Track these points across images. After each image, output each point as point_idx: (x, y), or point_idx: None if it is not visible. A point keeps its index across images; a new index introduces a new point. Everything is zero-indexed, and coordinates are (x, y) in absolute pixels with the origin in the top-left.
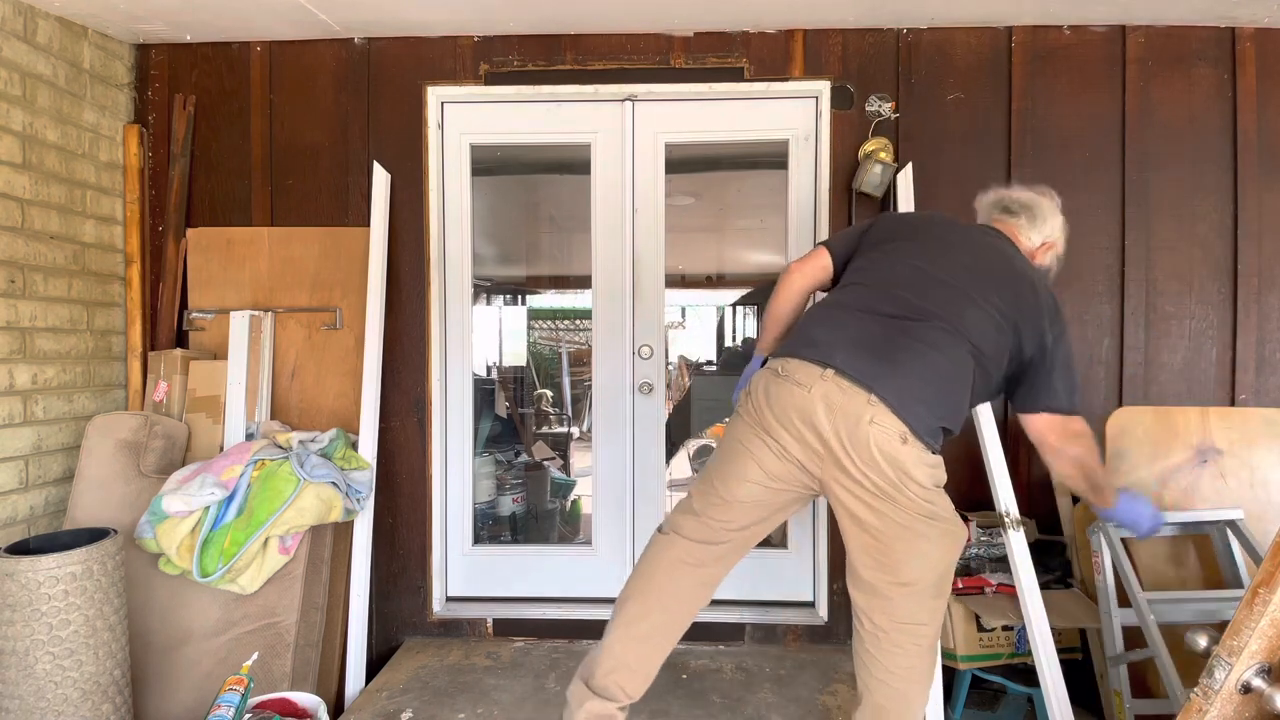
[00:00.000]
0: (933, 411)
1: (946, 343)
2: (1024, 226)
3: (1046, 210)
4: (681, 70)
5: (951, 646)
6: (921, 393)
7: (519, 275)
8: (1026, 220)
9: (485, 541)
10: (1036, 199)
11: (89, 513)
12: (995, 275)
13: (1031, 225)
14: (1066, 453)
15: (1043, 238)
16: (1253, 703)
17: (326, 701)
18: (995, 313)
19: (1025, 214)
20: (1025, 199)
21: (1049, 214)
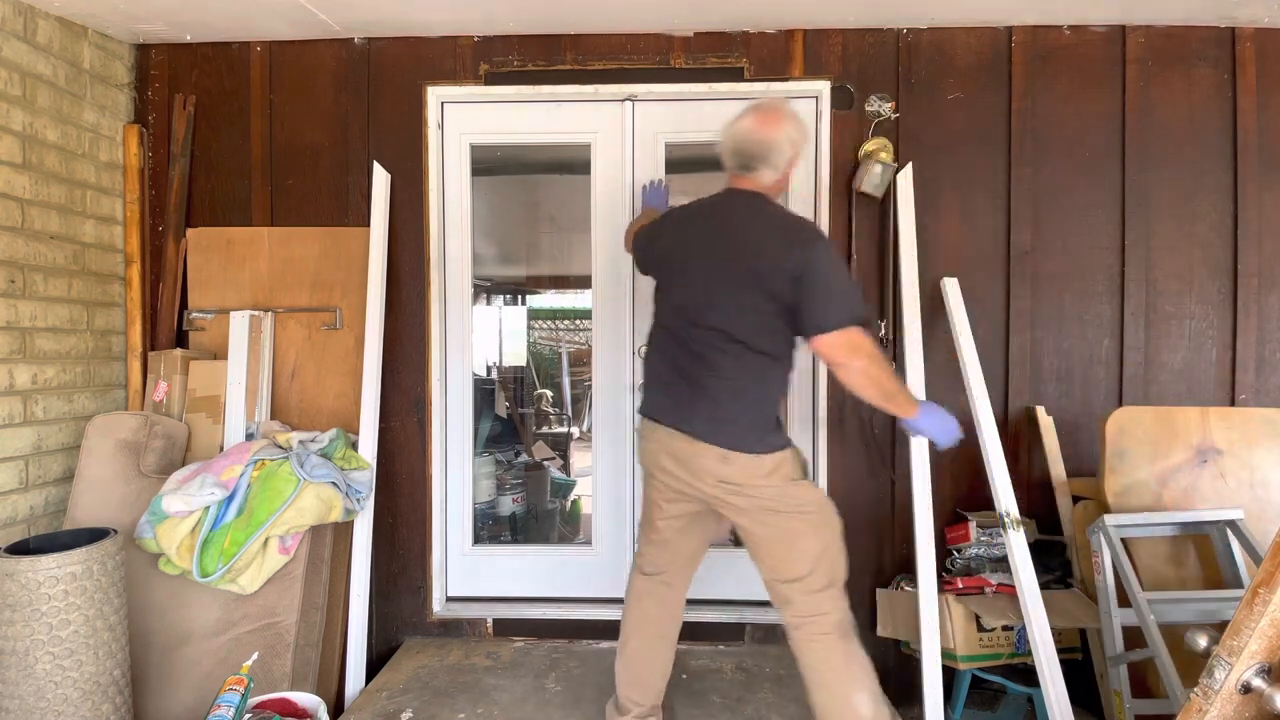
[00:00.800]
0: (739, 424)
1: (726, 362)
2: (767, 173)
3: (778, 141)
4: (681, 70)
5: (951, 646)
6: (723, 414)
7: (519, 275)
8: (764, 167)
9: (485, 541)
10: (767, 139)
11: (89, 513)
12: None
13: (771, 166)
14: (851, 366)
15: (784, 164)
16: (1253, 703)
17: (326, 701)
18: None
19: (761, 164)
20: (757, 149)
21: (782, 141)
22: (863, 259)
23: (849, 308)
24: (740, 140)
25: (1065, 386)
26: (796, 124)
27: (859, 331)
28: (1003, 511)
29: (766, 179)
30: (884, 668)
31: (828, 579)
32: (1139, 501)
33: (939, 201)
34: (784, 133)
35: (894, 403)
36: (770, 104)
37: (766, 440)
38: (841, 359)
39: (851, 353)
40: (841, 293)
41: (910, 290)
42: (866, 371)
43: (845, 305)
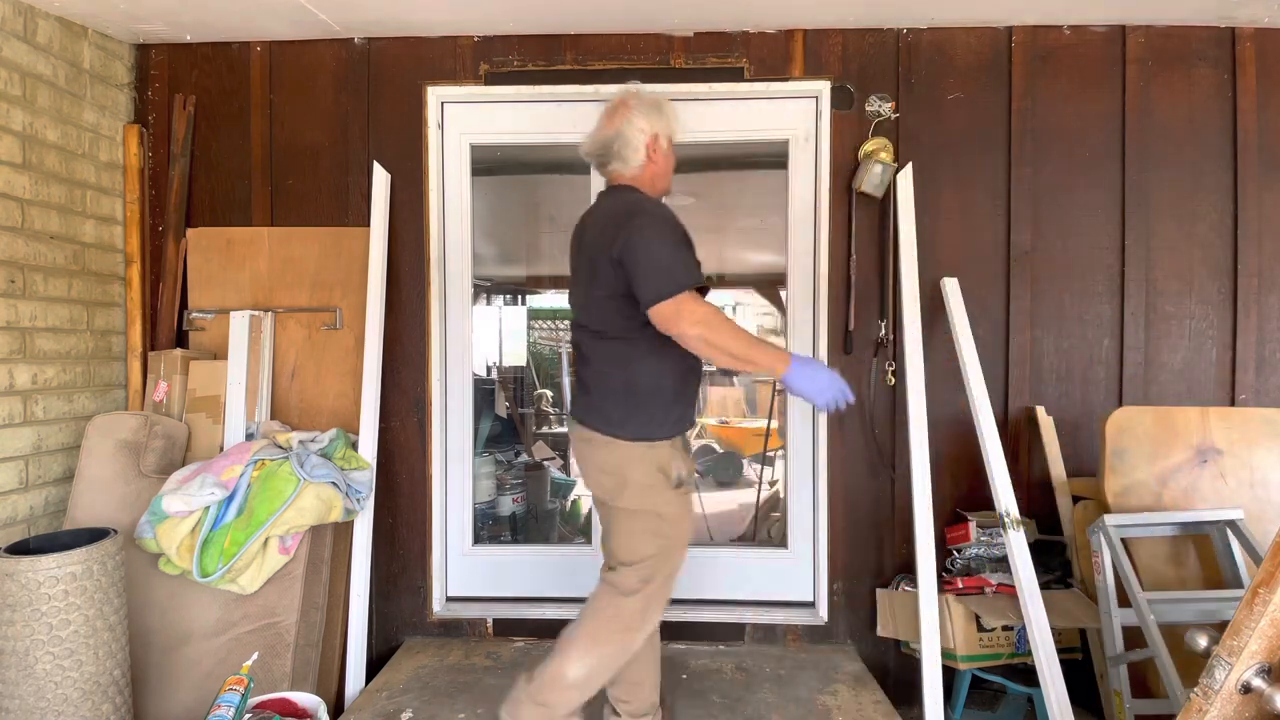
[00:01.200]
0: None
1: (592, 352)
2: (619, 166)
3: (622, 133)
4: (681, 70)
5: (951, 646)
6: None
7: (519, 275)
8: (618, 161)
9: (485, 541)
10: (609, 133)
11: (89, 513)
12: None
13: (625, 160)
14: (687, 335)
15: (640, 154)
16: (1253, 703)
17: (326, 701)
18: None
19: (611, 158)
20: (600, 146)
21: (626, 132)
22: (863, 259)
23: (670, 277)
24: (589, 145)
25: (1065, 386)
26: (645, 110)
27: (689, 298)
28: (1003, 511)
29: (624, 172)
30: (884, 667)
31: (646, 576)
32: (1139, 501)
33: (939, 201)
34: (628, 123)
35: (752, 363)
36: (617, 97)
37: (628, 427)
38: (675, 330)
39: (681, 321)
40: (659, 264)
41: (910, 290)
42: (704, 338)
43: (665, 275)
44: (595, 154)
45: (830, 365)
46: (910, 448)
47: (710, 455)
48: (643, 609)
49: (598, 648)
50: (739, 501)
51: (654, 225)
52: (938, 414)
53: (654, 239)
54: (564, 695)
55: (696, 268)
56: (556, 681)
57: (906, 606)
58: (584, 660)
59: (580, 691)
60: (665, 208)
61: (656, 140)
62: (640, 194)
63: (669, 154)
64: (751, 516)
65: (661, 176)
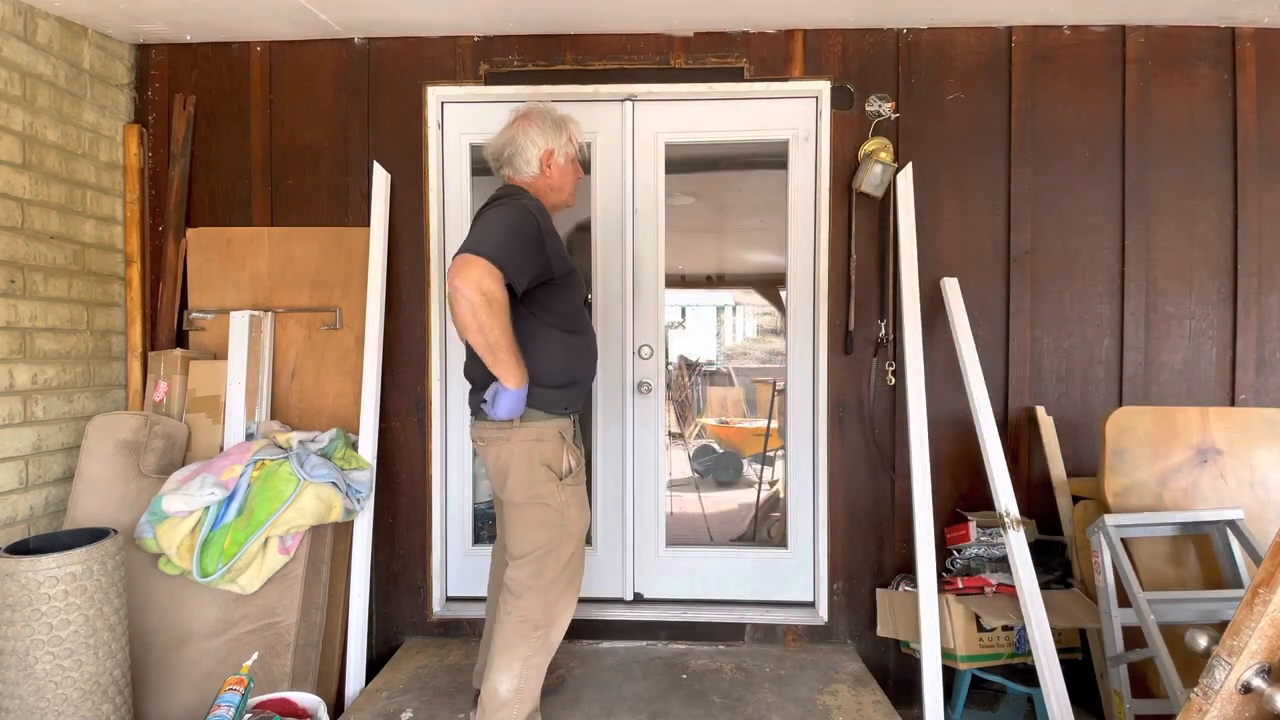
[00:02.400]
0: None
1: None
2: (511, 172)
3: (522, 143)
4: (681, 70)
5: (951, 646)
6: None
7: None
8: (510, 167)
9: (486, 541)
10: (503, 139)
11: (89, 513)
12: None
13: (516, 169)
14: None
15: (532, 166)
16: (1253, 703)
17: (326, 701)
18: None
19: (507, 165)
20: (494, 149)
21: (525, 143)
22: (863, 259)
23: (483, 241)
24: (489, 146)
25: (1065, 386)
26: (544, 128)
27: (492, 273)
28: (1003, 511)
29: (518, 179)
30: (884, 667)
31: (538, 569)
32: (1139, 501)
33: (939, 201)
34: (524, 135)
35: (496, 357)
36: (524, 110)
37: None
38: (456, 281)
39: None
40: (484, 231)
41: (910, 290)
42: (478, 307)
43: (480, 239)
44: (492, 157)
45: (830, 365)
46: (910, 448)
47: (710, 455)
48: (543, 604)
49: (515, 652)
50: (739, 501)
51: (513, 211)
52: (938, 414)
53: (497, 217)
54: (503, 714)
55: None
56: (493, 700)
57: (906, 606)
58: (508, 669)
59: (519, 704)
60: (539, 209)
61: (552, 156)
62: (522, 193)
63: (566, 169)
64: (751, 516)
65: (556, 190)
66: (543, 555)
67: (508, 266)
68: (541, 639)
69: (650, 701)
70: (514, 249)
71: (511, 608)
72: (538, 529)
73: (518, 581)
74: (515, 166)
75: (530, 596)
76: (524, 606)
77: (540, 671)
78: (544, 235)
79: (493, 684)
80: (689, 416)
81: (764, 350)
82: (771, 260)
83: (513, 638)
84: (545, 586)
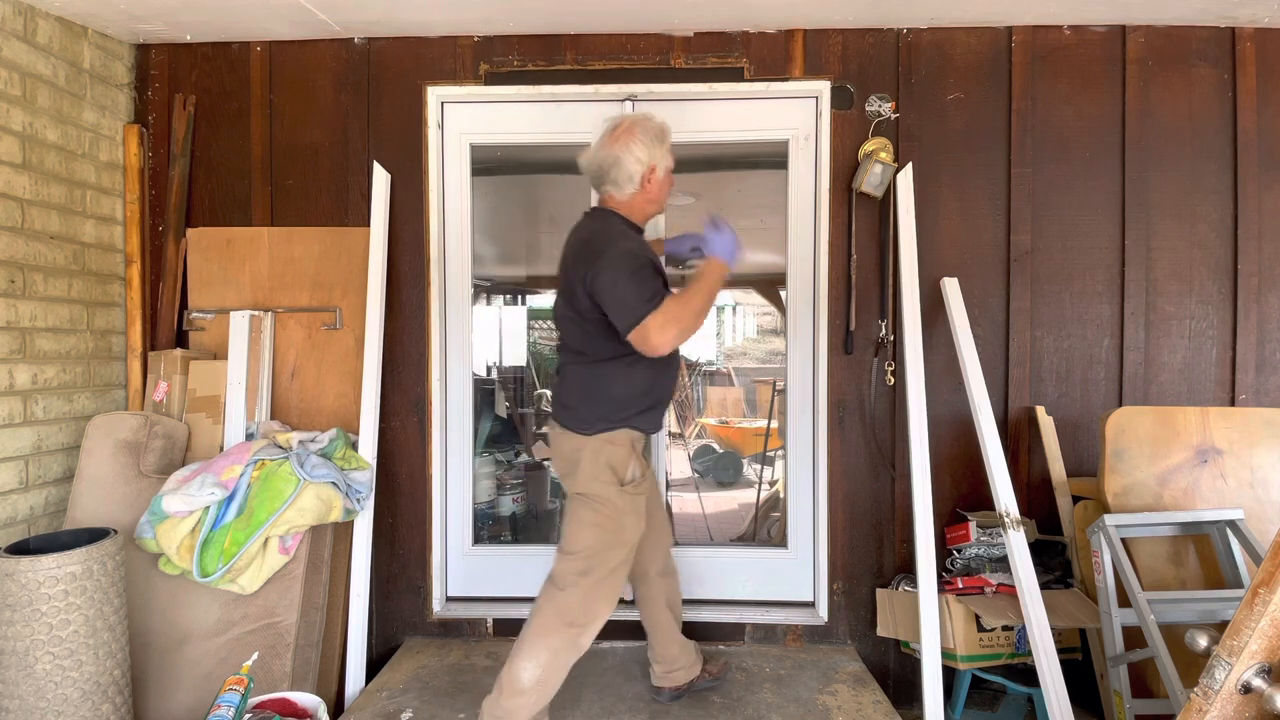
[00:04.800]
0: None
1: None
2: (612, 189)
3: (619, 158)
4: (681, 70)
5: (951, 646)
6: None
7: (519, 275)
8: (611, 184)
9: (485, 541)
10: (607, 156)
11: (89, 513)
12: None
13: (618, 185)
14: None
15: (631, 180)
16: (1253, 703)
17: (326, 701)
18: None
19: (608, 181)
20: (597, 168)
21: (623, 158)
22: (863, 259)
23: (631, 311)
24: (588, 161)
25: (1065, 386)
26: (648, 141)
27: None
28: (1003, 511)
29: (616, 195)
30: (884, 667)
31: (585, 568)
32: (1139, 501)
33: (939, 201)
34: (627, 151)
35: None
36: (622, 121)
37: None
38: (648, 349)
39: (649, 342)
40: (621, 302)
41: (910, 290)
42: (671, 343)
43: (627, 312)
44: (591, 173)
45: (830, 365)
46: (910, 448)
47: (710, 455)
48: (582, 603)
49: (544, 640)
50: (739, 501)
51: (614, 266)
52: (938, 414)
53: (616, 278)
54: (519, 701)
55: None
56: (512, 685)
57: (907, 606)
58: (535, 658)
59: (536, 696)
60: (636, 242)
61: (653, 171)
62: (615, 222)
63: (664, 182)
64: (751, 516)
65: (653, 202)
66: (592, 556)
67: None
68: (574, 638)
69: (650, 701)
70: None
71: (553, 598)
72: (592, 529)
73: (564, 575)
74: (618, 184)
75: (573, 592)
76: (564, 600)
77: (563, 670)
78: (653, 264)
79: (515, 669)
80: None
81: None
82: (771, 260)
83: (547, 627)
84: (589, 587)
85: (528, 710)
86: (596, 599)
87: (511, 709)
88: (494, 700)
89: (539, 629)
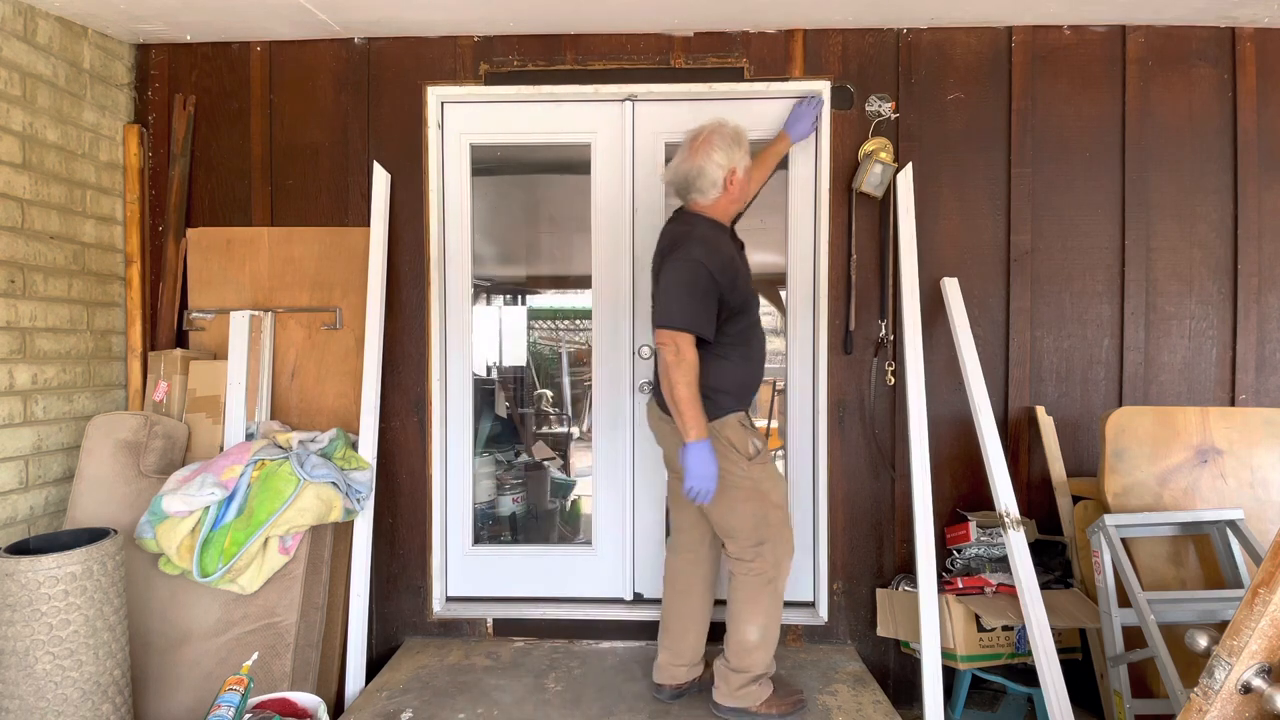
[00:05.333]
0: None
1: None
2: (698, 197)
3: (708, 167)
4: (681, 70)
5: (951, 646)
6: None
7: (519, 275)
8: (697, 193)
9: (485, 541)
10: (692, 169)
11: (89, 513)
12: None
13: (703, 192)
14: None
15: (714, 185)
16: (1253, 703)
17: (326, 701)
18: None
19: (694, 190)
20: (683, 180)
21: (710, 167)
22: (863, 259)
23: (669, 314)
24: (672, 174)
25: (1065, 386)
26: (725, 147)
27: (680, 336)
28: (1003, 511)
29: (702, 201)
30: (884, 667)
31: (757, 539)
32: (1139, 501)
33: (939, 201)
34: (708, 159)
35: (680, 415)
36: (699, 132)
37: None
38: (656, 344)
39: (662, 345)
40: (670, 300)
41: (910, 290)
42: (666, 364)
43: (664, 311)
44: (676, 185)
45: (830, 365)
46: (910, 448)
47: None
48: (772, 561)
49: (756, 605)
50: None
51: (681, 265)
52: (938, 414)
53: (674, 277)
54: (755, 656)
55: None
56: (744, 646)
57: (907, 606)
58: (754, 620)
59: (766, 649)
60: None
61: (734, 173)
62: (702, 225)
63: (744, 181)
64: None
65: (736, 201)
66: (754, 527)
67: (692, 325)
68: (775, 590)
69: (650, 701)
70: (695, 308)
71: (745, 570)
72: (743, 506)
73: (744, 552)
74: (703, 191)
75: (758, 560)
76: (755, 569)
77: (778, 617)
78: (715, 279)
79: (742, 634)
80: None
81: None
82: (772, 260)
83: (752, 593)
84: (769, 550)
85: (765, 657)
86: (781, 554)
87: (751, 662)
88: (730, 664)
89: (746, 598)
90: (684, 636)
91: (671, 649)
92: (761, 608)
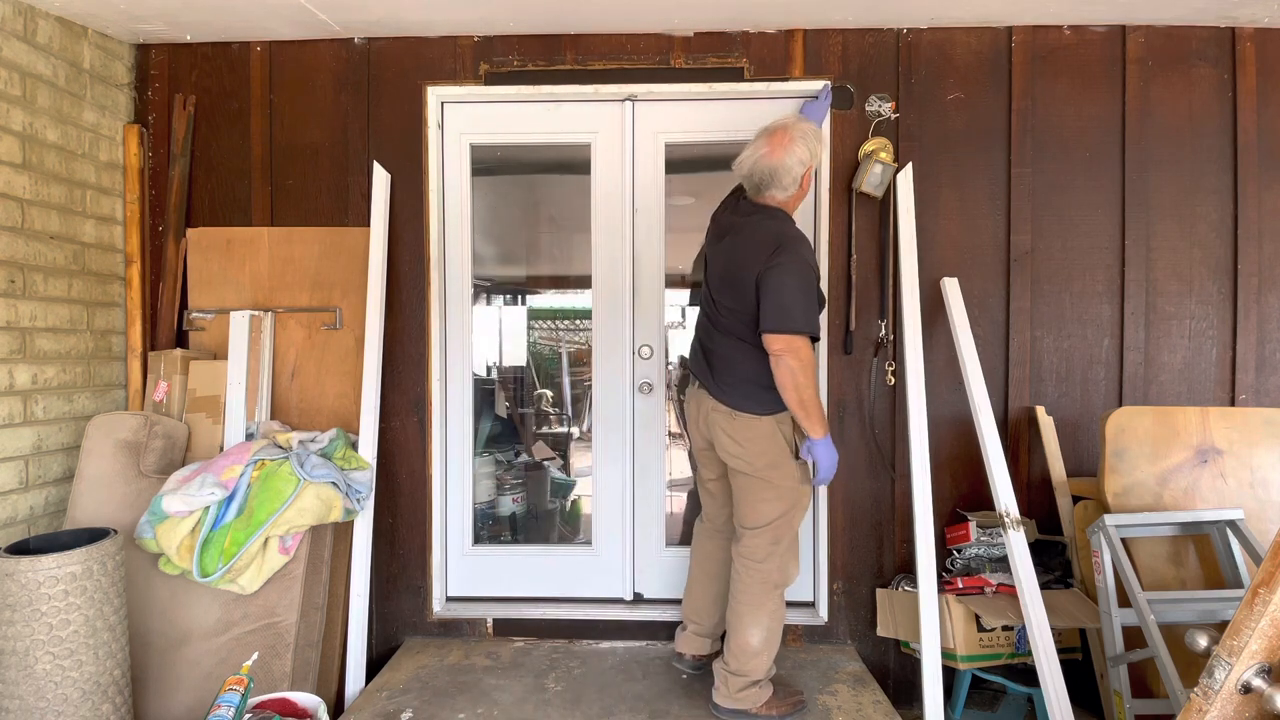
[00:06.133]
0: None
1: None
2: (777, 192)
3: (790, 163)
4: (681, 70)
5: (951, 646)
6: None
7: (519, 275)
8: (777, 189)
9: (485, 541)
10: (774, 165)
11: (89, 513)
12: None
13: (784, 188)
14: (781, 360)
15: (794, 182)
16: (1253, 703)
17: (326, 701)
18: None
19: (774, 185)
20: (764, 176)
21: (790, 164)
22: (863, 259)
23: (790, 318)
24: (750, 168)
25: (1065, 386)
26: (806, 143)
27: (800, 340)
28: (1003, 511)
29: (780, 197)
30: (884, 668)
31: (775, 537)
32: (1139, 501)
33: (939, 201)
34: (790, 154)
35: (807, 416)
36: (779, 128)
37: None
38: (774, 351)
39: (786, 353)
40: (786, 305)
41: (910, 290)
42: (791, 369)
43: (787, 316)
44: (755, 178)
45: (830, 365)
46: (910, 448)
47: None
48: (780, 567)
49: (761, 610)
50: None
51: (794, 269)
52: (938, 414)
53: (790, 280)
54: (756, 661)
55: (816, 315)
56: (745, 650)
57: (907, 606)
58: (758, 624)
59: (768, 655)
60: (806, 246)
61: (810, 170)
62: (788, 222)
63: (810, 175)
64: None
65: (803, 195)
66: (779, 525)
67: (811, 326)
68: (780, 595)
69: (650, 701)
70: (810, 306)
71: (754, 571)
72: (775, 502)
73: (757, 548)
74: (784, 186)
75: (770, 561)
76: (765, 570)
77: (781, 623)
78: (816, 279)
79: (744, 637)
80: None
81: None
82: None
83: (758, 597)
84: (782, 553)
85: (766, 662)
86: (789, 561)
87: (752, 668)
88: (729, 668)
89: (751, 601)
90: (710, 615)
91: (698, 622)
92: (766, 612)
